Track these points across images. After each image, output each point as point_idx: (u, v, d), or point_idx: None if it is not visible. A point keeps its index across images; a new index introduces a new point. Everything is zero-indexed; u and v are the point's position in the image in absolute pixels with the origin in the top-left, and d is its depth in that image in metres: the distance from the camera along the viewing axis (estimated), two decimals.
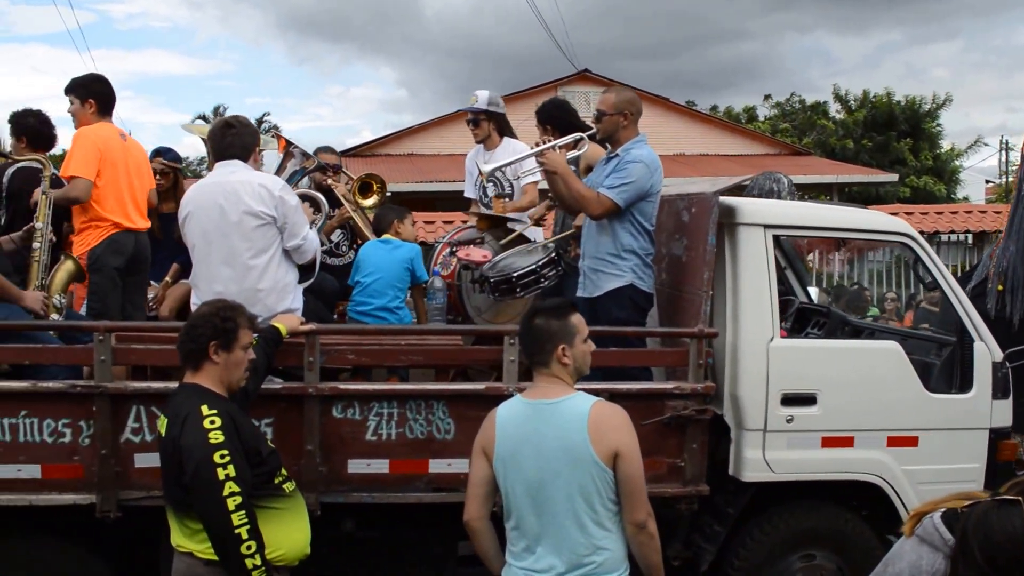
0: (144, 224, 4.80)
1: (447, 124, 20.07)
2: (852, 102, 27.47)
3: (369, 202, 5.41)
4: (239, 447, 2.95)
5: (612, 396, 3.03)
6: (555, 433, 2.82)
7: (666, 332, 4.24)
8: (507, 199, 5.50)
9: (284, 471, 3.22)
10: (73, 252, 4.54)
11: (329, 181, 5.30)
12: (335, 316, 4.96)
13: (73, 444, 3.62)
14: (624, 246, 4.14)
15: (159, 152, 5.37)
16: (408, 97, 70.02)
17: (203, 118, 31.86)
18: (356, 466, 3.73)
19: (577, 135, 4.44)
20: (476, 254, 4.72)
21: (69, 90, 4.69)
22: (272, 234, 3.82)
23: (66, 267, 4.25)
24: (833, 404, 4.11)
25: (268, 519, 3.01)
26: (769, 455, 4.06)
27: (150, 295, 5.16)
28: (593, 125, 4.40)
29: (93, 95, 4.67)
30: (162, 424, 3.08)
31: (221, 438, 2.89)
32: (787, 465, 4.09)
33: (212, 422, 2.91)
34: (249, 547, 2.85)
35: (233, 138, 3.89)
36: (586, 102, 18.49)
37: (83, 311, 4.56)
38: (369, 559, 4.03)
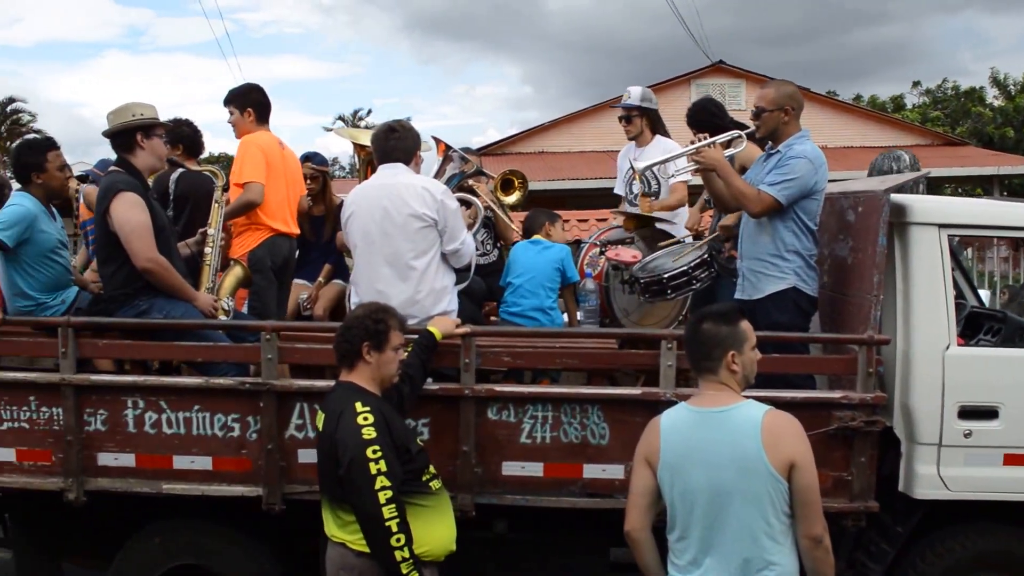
0: (295, 230, 4.99)
1: (577, 121, 20.02)
2: (1012, 87, 25.61)
3: (511, 199, 5.38)
4: (390, 443, 3.05)
5: (775, 405, 2.89)
6: (726, 442, 2.72)
7: (835, 338, 4.00)
8: (653, 198, 5.39)
9: (432, 469, 3.29)
10: (232, 254, 4.75)
11: (470, 182, 5.33)
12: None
13: (241, 438, 3.78)
14: (787, 246, 3.95)
15: (308, 157, 5.57)
16: (534, 94, 70.34)
17: (342, 119, 33.17)
18: (511, 468, 3.72)
19: (734, 132, 4.25)
20: (626, 254, 4.63)
21: (228, 101, 4.90)
22: (433, 237, 3.87)
23: (235, 272, 4.45)
24: (1017, 419, 3.79)
25: (414, 516, 3.09)
26: (944, 471, 3.79)
27: (304, 295, 5.36)
28: (751, 123, 4.22)
29: (252, 104, 4.87)
30: (320, 420, 3.23)
31: (374, 434, 3.01)
32: (964, 483, 3.80)
33: (365, 418, 3.03)
34: (398, 539, 2.95)
35: (396, 142, 3.96)
36: (721, 95, 18.03)
37: (244, 310, 4.77)
38: (520, 562, 4.03)
